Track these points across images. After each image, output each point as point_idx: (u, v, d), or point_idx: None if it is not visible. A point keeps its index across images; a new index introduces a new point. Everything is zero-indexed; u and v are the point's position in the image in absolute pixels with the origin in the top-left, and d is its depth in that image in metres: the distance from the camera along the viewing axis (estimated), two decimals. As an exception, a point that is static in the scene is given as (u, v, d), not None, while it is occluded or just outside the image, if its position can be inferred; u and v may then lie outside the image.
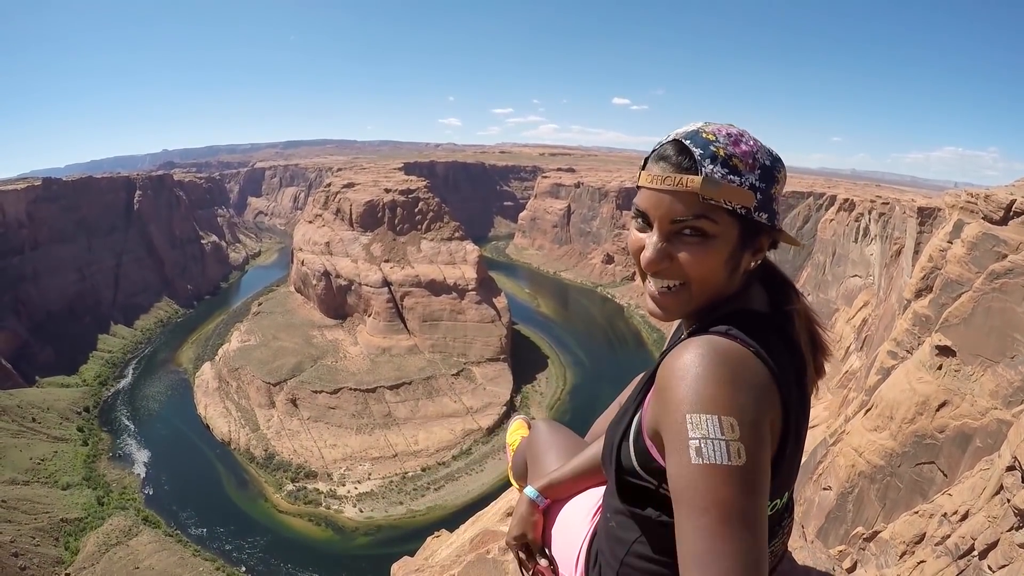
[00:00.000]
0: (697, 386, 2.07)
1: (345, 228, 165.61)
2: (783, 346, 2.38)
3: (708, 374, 2.08)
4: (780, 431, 2.21)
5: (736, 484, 1.93)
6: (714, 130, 2.35)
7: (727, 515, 1.90)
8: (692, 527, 1.95)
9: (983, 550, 18.23)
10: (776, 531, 2.75)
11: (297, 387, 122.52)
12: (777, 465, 2.23)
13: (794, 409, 2.26)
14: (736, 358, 2.14)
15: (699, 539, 1.91)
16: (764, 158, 2.35)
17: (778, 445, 2.22)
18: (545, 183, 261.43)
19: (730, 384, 2.06)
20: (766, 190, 2.33)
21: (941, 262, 45.38)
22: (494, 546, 5.85)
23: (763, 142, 2.42)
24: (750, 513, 1.91)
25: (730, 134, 2.34)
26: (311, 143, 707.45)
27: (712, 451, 1.97)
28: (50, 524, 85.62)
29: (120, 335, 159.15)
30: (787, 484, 2.48)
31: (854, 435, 45.17)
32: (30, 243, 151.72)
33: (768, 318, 2.47)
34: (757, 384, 2.11)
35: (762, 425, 2.04)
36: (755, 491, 1.95)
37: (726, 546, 1.86)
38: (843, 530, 40.69)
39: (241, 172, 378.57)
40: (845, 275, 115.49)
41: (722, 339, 2.23)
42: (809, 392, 2.57)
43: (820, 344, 2.65)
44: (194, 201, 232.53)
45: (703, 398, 2.04)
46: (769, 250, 2.54)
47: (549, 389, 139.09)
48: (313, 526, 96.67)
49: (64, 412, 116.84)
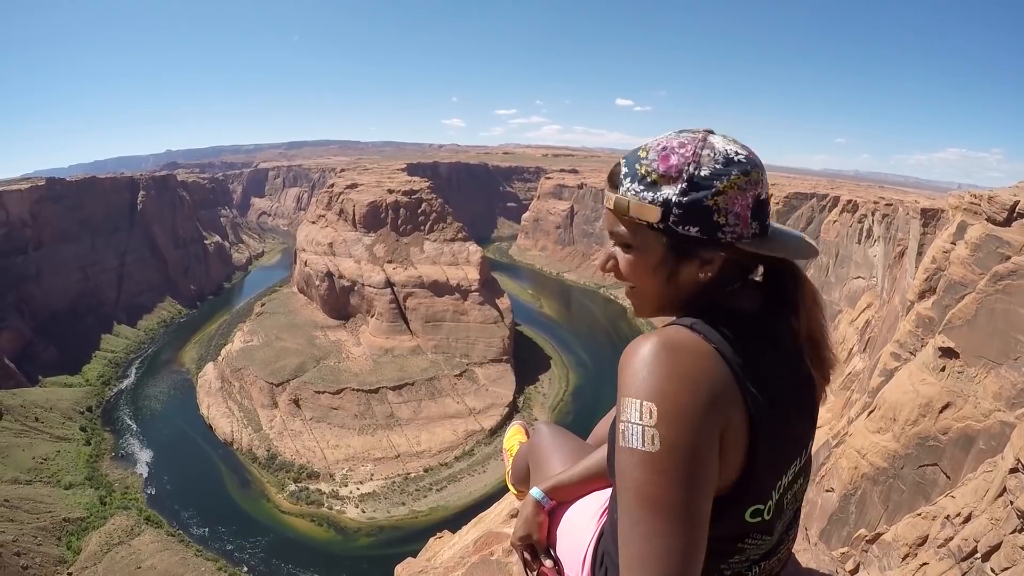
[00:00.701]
0: (632, 371, 2.14)
1: (348, 229, 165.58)
2: (766, 349, 2.38)
3: (646, 361, 2.13)
4: (746, 432, 2.20)
5: (647, 471, 2.00)
6: (652, 146, 2.45)
7: (641, 499, 1.99)
8: (620, 506, 2.09)
9: (986, 552, 18.18)
10: (761, 539, 2.55)
11: (300, 387, 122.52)
12: (750, 469, 2.26)
13: (767, 413, 2.24)
14: (683, 349, 2.17)
15: (623, 518, 2.04)
16: (700, 169, 2.32)
17: (747, 448, 2.22)
18: (548, 184, 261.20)
19: (662, 372, 2.09)
20: (691, 203, 2.31)
21: (944, 264, 45.35)
22: (498, 548, 5.91)
23: (723, 147, 2.37)
24: (665, 501, 1.96)
25: (665, 147, 2.40)
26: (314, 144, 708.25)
27: (630, 435, 2.06)
28: (52, 523, 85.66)
29: (123, 335, 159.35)
30: (768, 489, 2.41)
31: (857, 437, 45.10)
32: (34, 243, 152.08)
33: (750, 319, 2.44)
34: (699, 377, 2.10)
35: (693, 417, 2.02)
36: (672, 480, 1.97)
37: (639, 528, 1.97)
38: (846, 532, 40.63)
39: (244, 173, 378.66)
40: (848, 276, 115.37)
41: (680, 329, 2.29)
42: (805, 398, 2.55)
43: (820, 354, 2.61)
44: (197, 201, 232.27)
45: (634, 383, 2.11)
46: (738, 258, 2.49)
47: (552, 390, 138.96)
48: (315, 526, 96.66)
49: (67, 412, 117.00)
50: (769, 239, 2.43)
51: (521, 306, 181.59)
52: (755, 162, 2.38)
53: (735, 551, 2.50)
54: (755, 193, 2.35)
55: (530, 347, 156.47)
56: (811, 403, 2.59)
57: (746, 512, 2.37)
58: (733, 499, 2.32)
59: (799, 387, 2.52)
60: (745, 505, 2.36)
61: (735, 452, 2.21)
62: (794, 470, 2.56)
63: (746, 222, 2.34)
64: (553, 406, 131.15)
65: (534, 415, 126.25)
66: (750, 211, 2.34)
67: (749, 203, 2.33)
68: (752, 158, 2.38)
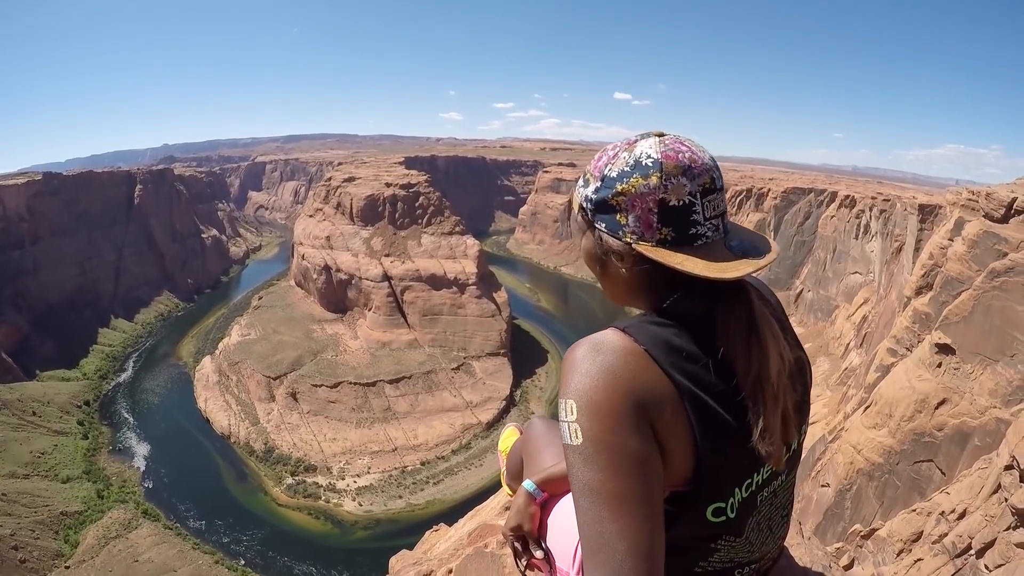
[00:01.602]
0: (563, 373, 2.38)
1: (346, 222, 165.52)
2: (708, 352, 2.40)
3: (572, 363, 2.35)
4: (688, 431, 2.28)
5: (578, 462, 2.20)
6: (607, 148, 2.60)
7: (579, 489, 2.18)
8: (572, 499, 2.27)
9: (980, 549, 18.22)
10: (733, 540, 2.62)
11: (297, 381, 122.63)
12: (699, 467, 2.33)
13: (708, 413, 2.31)
14: (605, 349, 2.32)
15: (575, 509, 2.22)
16: (612, 169, 2.47)
17: (692, 446, 2.30)
18: (546, 178, 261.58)
19: (582, 371, 2.29)
20: (599, 200, 2.51)
21: (942, 260, 45.44)
22: (492, 540, 5.92)
23: (644, 150, 2.45)
24: (600, 489, 2.12)
25: (601, 152, 2.58)
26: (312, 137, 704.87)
27: (563, 432, 2.30)
28: (50, 517, 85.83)
29: (120, 329, 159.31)
30: (726, 487, 2.46)
31: (853, 432, 45.23)
32: (31, 237, 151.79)
33: (700, 321, 2.45)
34: (617, 374, 2.23)
35: (608, 410, 2.18)
36: (601, 468, 2.14)
37: (586, 516, 2.14)
38: (841, 527, 40.74)
39: (241, 166, 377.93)
40: (846, 272, 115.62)
41: (612, 331, 2.42)
42: (753, 392, 2.46)
43: (760, 352, 2.51)
44: (194, 195, 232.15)
45: (564, 384, 2.35)
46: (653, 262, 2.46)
47: (549, 384, 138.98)
48: (312, 519, 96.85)
49: (64, 406, 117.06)
50: (698, 248, 2.40)
51: (518, 300, 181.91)
52: (664, 167, 2.38)
53: (708, 551, 2.57)
54: (657, 198, 2.38)
55: (527, 341, 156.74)
56: (757, 398, 2.51)
57: (707, 510, 2.43)
58: (690, 496, 2.40)
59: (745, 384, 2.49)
60: (703, 503, 2.42)
61: (681, 449, 2.30)
62: (768, 470, 2.58)
63: (648, 225, 2.40)
64: (550, 400, 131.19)
65: (531, 409, 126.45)
66: (655, 215, 2.39)
67: (651, 207, 2.38)
68: (664, 163, 2.38)
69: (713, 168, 2.47)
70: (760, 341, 2.45)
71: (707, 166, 2.44)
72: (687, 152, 2.42)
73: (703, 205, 2.41)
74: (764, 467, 2.54)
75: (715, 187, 2.46)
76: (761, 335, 2.47)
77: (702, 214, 2.41)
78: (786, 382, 2.54)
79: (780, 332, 2.61)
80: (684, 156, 2.41)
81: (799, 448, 2.79)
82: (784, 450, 2.58)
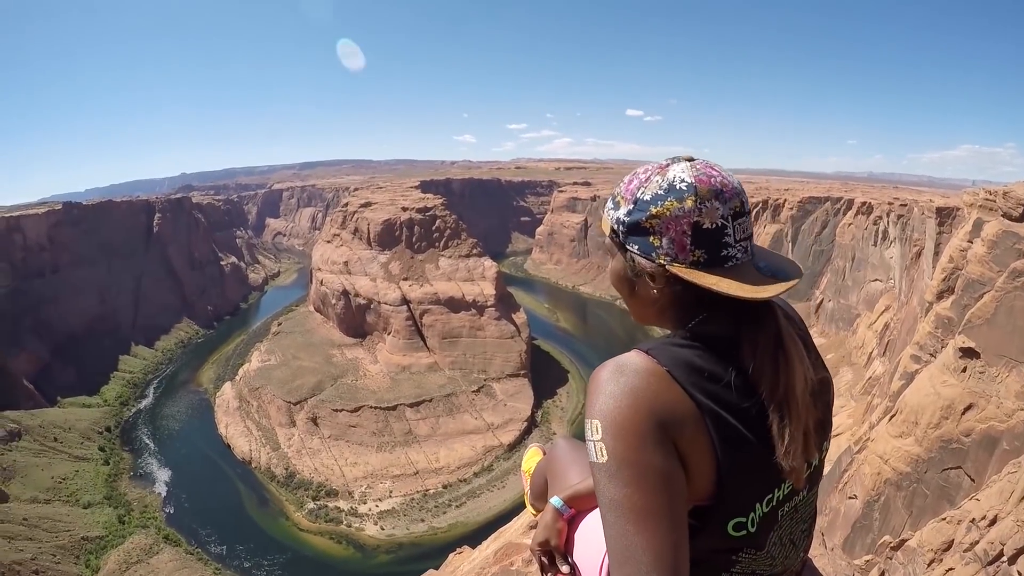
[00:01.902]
0: (589, 394, 2.47)
1: (363, 247, 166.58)
2: (731, 373, 2.49)
3: (597, 385, 2.44)
4: (710, 449, 2.39)
5: (604, 480, 2.30)
6: (632, 174, 2.75)
7: (606, 506, 2.28)
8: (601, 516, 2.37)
9: (1012, 555, 17.75)
10: (754, 554, 2.67)
11: (317, 406, 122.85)
12: (722, 484, 2.42)
13: (730, 432, 2.41)
14: (628, 370, 2.42)
15: (603, 526, 2.31)
16: (645, 193, 2.60)
17: (715, 464, 2.40)
18: (561, 197, 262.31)
19: (607, 392, 2.38)
20: (632, 223, 2.64)
21: (962, 262, 44.81)
22: (518, 558, 6.09)
23: (677, 174, 2.57)
24: (626, 505, 2.22)
25: (634, 175, 2.72)
26: (328, 164, 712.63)
27: (590, 451, 2.39)
28: (71, 542, 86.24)
29: (141, 356, 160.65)
30: (747, 503, 2.54)
31: (879, 442, 44.60)
32: (51, 266, 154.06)
33: (722, 343, 2.55)
34: (640, 394, 2.34)
35: (631, 428, 2.29)
36: (626, 484, 2.24)
37: (613, 531, 2.24)
38: (869, 539, 40.10)
39: (259, 194, 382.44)
40: (865, 279, 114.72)
41: (635, 353, 2.52)
42: (779, 409, 2.53)
43: (787, 369, 2.57)
44: (213, 223, 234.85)
45: (589, 405, 2.43)
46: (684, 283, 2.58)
47: (570, 404, 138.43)
48: (334, 544, 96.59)
49: (85, 432, 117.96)
50: (729, 269, 2.52)
51: (537, 320, 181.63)
52: (699, 191, 2.50)
53: (730, 563, 2.65)
54: (691, 220, 2.49)
55: (547, 361, 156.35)
56: (783, 417, 2.56)
57: (728, 525, 2.52)
58: (712, 512, 2.49)
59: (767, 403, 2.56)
60: (725, 518, 2.51)
61: (702, 466, 2.39)
62: (788, 486, 2.64)
63: (682, 247, 2.52)
64: (572, 420, 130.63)
65: (552, 429, 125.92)
66: (688, 238, 2.51)
67: (685, 229, 2.50)
68: (699, 187, 2.51)
69: (741, 192, 2.61)
70: (787, 358, 2.55)
71: (736, 190, 2.58)
72: (718, 177, 2.56)
73: (734, 228, 2.55)
74: (785, 483, 2.62)
75: (744, 210, 2.60)
76: (788, 353, 2.57)
77: (733, 236, 2.55)
78: (809, 400, 2.61)
79: (804, 351, 2.68)
80: (716, 180, 2.54)
81: (820, 465, 2.85)
82: (805, 467, 2.65)
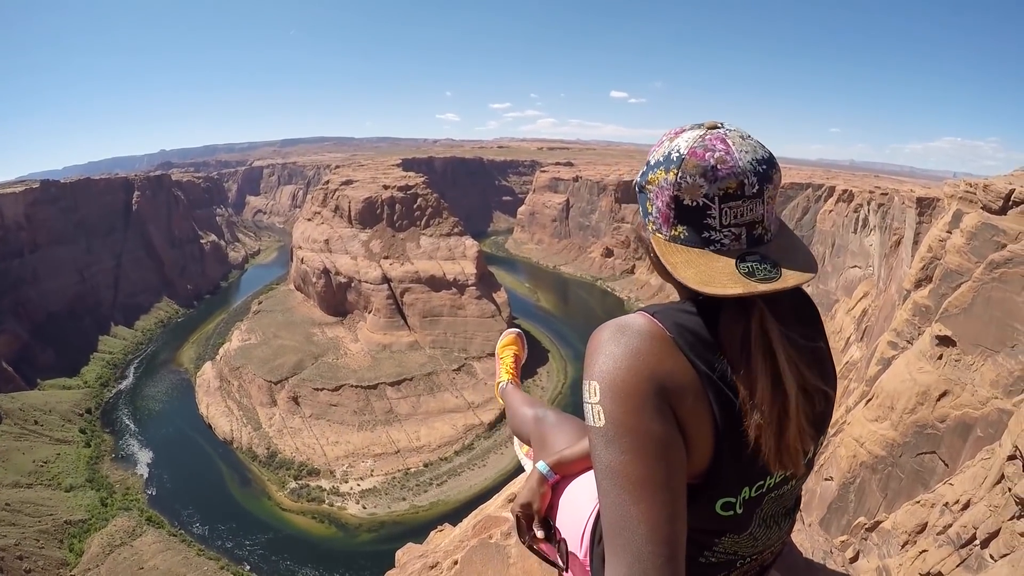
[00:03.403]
0: (588, 355, 2.35)
1: (344, 225, 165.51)
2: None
3: (596, 345, 2.34)
4: (710, 422, 2.27)
5: (601, 445, 2.19)
6: (667, 133, 2.54)
7: (603, 472, 2.17)
8: (595, 482, 2.27)
9: (985, 539, 18.23)
10: (737, 537, 2.64)
11: (298, 385, 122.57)
12: (718, 460, 2.33)
13: (728, 404, 2.28)
14: (630, 331, 2.31)
15: (598, 492, 2.22)
16: (653, 157, 2.48)
17: (713, 438, 2.29)
18: (544, 177, 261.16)
19: (606, 352, 2.28)
20: (637, 184, 2.58)
21: (941, 252, 45.47)
22: (496, 531, 6.04)
23: (683, 143, 2.39)
24: (623, 472, 2.12)
25: (666, 134, 2.52)
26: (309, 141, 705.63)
27: (586, 414, 2.29)
28: (54, 526, 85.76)
29: (121, 336, 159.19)
30: (738, 484, 2.45)
31: (855, 425, 45.23)
32: (29, 245, 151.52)
33: (717, 309, 2.40)
34: (640, 356, 2.23)
35: (631, 391, 2.18)
36: (624, 451, 2.14)
37: (608, 499, 2.15)
38: (845, 520, 40.76)
39: (239, 171, 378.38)
40: (845, 266, 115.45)
41: (639, 314, 2.41)
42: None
43: (748, 373, 2.39)
44: (192, 201, 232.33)
45: (588, 366, 2.32)
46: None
47: (550, 383, 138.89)
48: (316, 523, 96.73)
49: (66, 414, 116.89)
50: (709, 254, 2.35)
51: (518, 300, 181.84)
52: (684, 165, 2.34)
53: (712, 544, 2.60)
54: (672, 194, 2.36)
55: (528, 340, 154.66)
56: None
57: (716, 504, 2.45)
58: (703, 488, 2.39)
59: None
60: (715, 496, 2.43)
61: (702, 439, 2.28)
62: (780, 476, 2.55)
63: (666, 219, 2.42)
64: (552, 399, 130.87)
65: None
66: (672, 211, 2.38)
67: (667, 202, 2.38)
68: (687, 160, 2.33)
69: (748, 174, 2.30)
70: (749, 363, 2.34)
71: (738, 171, 2.30)
72: (720, 153, 2.31)
73: (721, 211, 2.31)
74: (777, 471, 2.49)
75: (742, 194, 2.30)
76: (752, 358, 2.34)
77: (718, 220, 2.33)
78: (794, 405, 2.39)
79: (789, 354, 2.42)
80: (712, 156, 2.30)
81: (813, 457, 2.75)
82: (801, 456, 2.52)
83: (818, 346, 2.64)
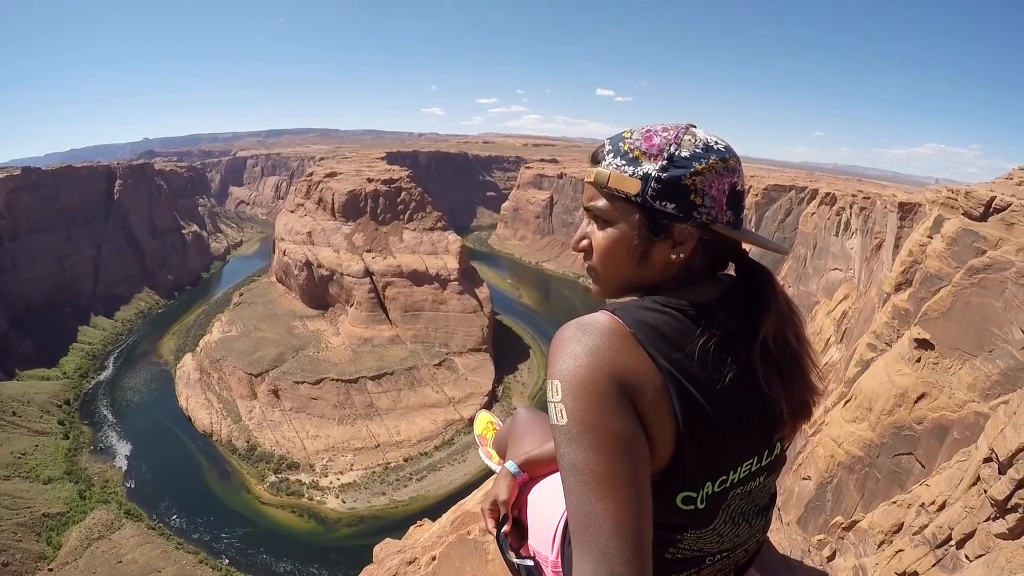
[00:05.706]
0: (550, 354, 2.31)
1: (327, 218, 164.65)
2: (704, 342, 2.36)
3: (558, 344, 2.29)
4: (671, 416, 2.24)
5: (564, 443, 2.16)
6: (637, 129, 2.54)
7: (567, 470, 2.13)
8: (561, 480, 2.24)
9: (960, 540, 18.52)
10: (700, 533, 2.59)
11: (279, 378, 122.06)
12: (679, 453, 2.29)
13: (693, 402, 2.26)
14: (591, 329, 2.27)
15: (563, 490, 2.17)
16: (680, 150, 2.42)
17: (675, 432, 2.25)
18: (528, 174, 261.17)
19: (567, 351, 2.23)
20: (670, 179, 2.39)
21: (921, 257, 45.91)
22: (475, 527, 5.96)
23: (704, 136, 2.48)
24: (585, 469, 2.08)
25: (649, 130, 2.50)
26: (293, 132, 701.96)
27: (550, 413, 2.24)
28: (32, 519, 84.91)
29: (100, 327, 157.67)
30: (699, 478, 2.42)
31: (833, 426, 45.60)
32: (8, 233, 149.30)
33: (698, 310, 2.43)
34: (601, 353, 2.20)
35: (591, 389, 2.14)
36: (586, 448, 2.10)
37: (572, 496, 2.10)
38: (822, 519, 41.12)
39: (223, 161, 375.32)
40: (826, 268, 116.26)
41: (600, 313, 2.38)
42: (756, 400, 2.50)
43: (797, 367, 2.59)
44: (175, 190, 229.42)
45: (550, 365, 2.29)
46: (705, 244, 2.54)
47: (531, 379, 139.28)
48: (296, 517, 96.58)
49: (44, 405, 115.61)
50: (742, 232, 2.54)
51: (500, 295, 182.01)
52: (733, 153, 2.50)
53: (675, 540, 2.55)
54: (731, 181, 2.46)
55: (509, 336, 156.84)
56: (765, 407, 2.55)
57: (677, 498, 2.41)
58: (664, 482, 2.36)
59: (750, 388, 2.48)
60: (675, 490, 2.39)
61: (663, 434, 2.25)
62: (749, 468, 2.57)
63: (721, 207, 2.44)
64: (532, 395, 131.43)
65: (513, 404, 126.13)
66: (726, 197, 2.45)
67: (725, 189, 2.43)
68: (731, 149, 2.50)
69: None
70: (718, 361, 2.37)
71: None
72: (720, 144, 2.52)
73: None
74: (741, 467, 2.52)
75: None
76: (721, 359, 2.37)
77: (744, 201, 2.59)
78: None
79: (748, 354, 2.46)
80: (719, 145, 2.51)
81: (782, 454, 2.75)
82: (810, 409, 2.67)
83: (796, 350, 2.67)
